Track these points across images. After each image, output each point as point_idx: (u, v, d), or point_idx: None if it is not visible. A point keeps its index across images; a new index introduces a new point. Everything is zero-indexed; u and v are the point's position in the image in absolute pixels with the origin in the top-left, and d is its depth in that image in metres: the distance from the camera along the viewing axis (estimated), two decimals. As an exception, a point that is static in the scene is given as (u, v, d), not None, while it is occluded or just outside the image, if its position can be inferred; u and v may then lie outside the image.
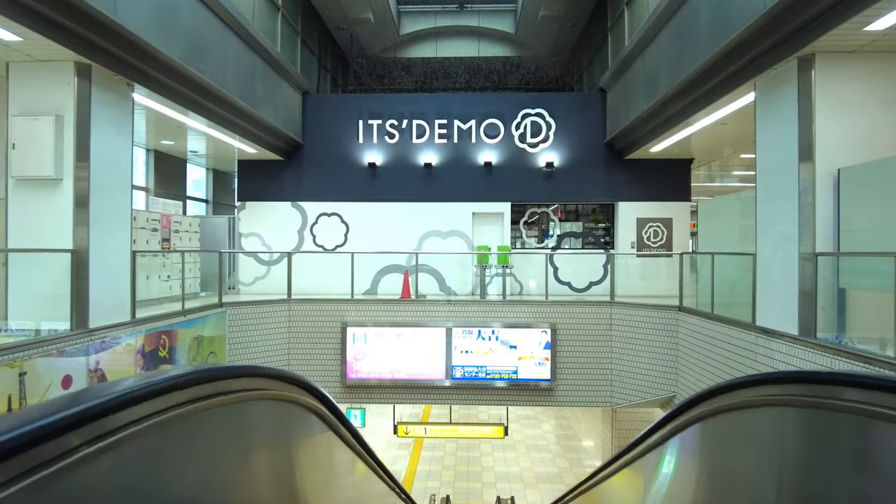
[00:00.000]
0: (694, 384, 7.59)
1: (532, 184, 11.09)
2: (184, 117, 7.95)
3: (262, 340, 9.02)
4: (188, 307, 8.01)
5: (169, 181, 11.03)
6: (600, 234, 11.41)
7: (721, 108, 7.17)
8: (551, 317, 9.10)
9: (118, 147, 6.16)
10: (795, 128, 5.31)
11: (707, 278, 7.63)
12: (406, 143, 11.17)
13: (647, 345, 8.58)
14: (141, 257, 8.61)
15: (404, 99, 11.30)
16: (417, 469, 12.88)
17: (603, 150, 11.04)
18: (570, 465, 13.14)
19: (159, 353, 6.77)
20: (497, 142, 11.11)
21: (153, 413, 0.96)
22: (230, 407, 1.27)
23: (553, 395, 9.07)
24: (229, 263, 11.33)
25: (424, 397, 9.25)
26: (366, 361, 9.12)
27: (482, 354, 9.05)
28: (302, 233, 11.29)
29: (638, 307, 8.77)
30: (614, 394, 9.02)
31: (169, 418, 1.00)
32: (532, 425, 16.18)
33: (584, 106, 11.14)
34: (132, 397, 0.89)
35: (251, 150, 10.31)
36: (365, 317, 9.24)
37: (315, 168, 11.28)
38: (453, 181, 11.13)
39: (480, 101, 11.26)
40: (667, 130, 8.65)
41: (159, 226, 9.12)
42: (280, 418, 1.63)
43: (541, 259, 10.69)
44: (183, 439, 1.11)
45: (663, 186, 10.96)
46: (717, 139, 9.27)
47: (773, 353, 5.57)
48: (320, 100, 11.56)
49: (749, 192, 6.77)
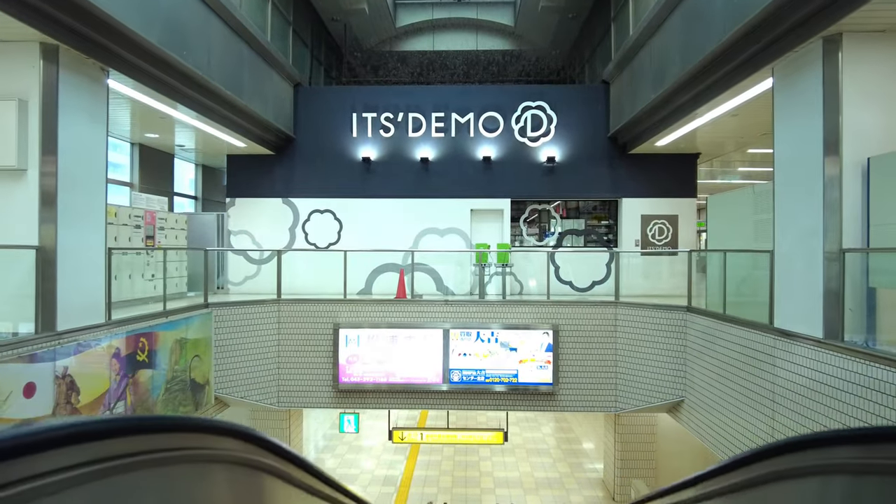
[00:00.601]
0: (704, 388, 7.20)
1: (533, 179, 10.69)
2: (167, 108, 7.53)
3: (251, 343, 8.61)
4: (172, 307, 7.60)
5: (155, 177, 10.60)
6: (603, 232, 11.02)
7: (734, 98, 6.78)
8: (553, 318, 8.70)
9: (91, 136, 5.74)
10: (820, 115, 4.91)
11: (718, 277, 7.24)
12: (402, 137, 10.76)
13: (653, 347, 8.19)
14: (123, 255, 8.22)
15: (400, 91, 10.89)
16: (414, 474, 12.49)
17: (606, 145, 10.65)
18: (570, 469, 12.76)
19: (138, 357, 6.35)
20: (496, 136, 10.70)
21: None
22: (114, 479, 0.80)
23: (555, 400, 8.68)
24: (218, 262, 10.92)
25: (420, 402, 8.85)
26: (359, 364, 8.71)
27: (481, 357, 8.65)
28: (293, 230, 10.88)
29: (644, 307, 8.37)
30: (619, 398, 8.62)
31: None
32: (531, 428, 15.79)
33: (587, 98, 10.74)
34: None
35: (240, 143, 9.89)
36: (358, 318, 8.83)
37: (307, 163, 10.86)
38: (451, 177, 10.73)
39: (479, 94, 10.85)
40: (674, 122, 8.26)
41: (143, 223, 8.70)
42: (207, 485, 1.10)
43: (542, 257, 10.29)
44: None
45: (668, 182, 10.58)
46: (726, 132, 8.88)
47: (795, 357, 5.18)
48: (313, 92, 11.14)
49: (764, 185, 6.38)
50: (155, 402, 6.67)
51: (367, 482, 12.07)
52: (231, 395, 8.42)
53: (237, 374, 8.46)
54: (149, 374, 6.57)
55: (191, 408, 7.55)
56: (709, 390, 7.05)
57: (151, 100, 7.11)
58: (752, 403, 5.93)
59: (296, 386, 8.85)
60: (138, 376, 6.35)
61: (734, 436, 6.33)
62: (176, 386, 7.18)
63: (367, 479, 12.21)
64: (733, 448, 6.33)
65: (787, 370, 5.31)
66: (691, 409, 7.67)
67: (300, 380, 8.84)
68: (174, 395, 7.13)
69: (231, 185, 10.97)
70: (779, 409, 5.43)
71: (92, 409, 5.50)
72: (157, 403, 6.74)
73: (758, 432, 5.81)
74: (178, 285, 9.56)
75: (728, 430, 6.47)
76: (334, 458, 13.59)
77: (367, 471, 12.73)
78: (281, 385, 8.84)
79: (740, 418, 6.18)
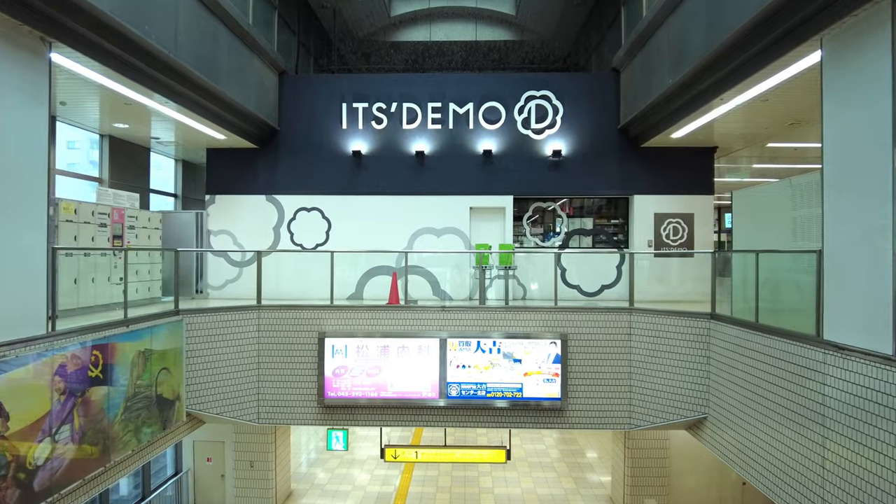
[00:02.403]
0: (732, 406, 6.40)
1: (537, 175, 9.89)
2: (130, 91, 6.71)
3: (227, 354, 7.79)
4: (142, 314, 6.78)
5: (128, 172, 9.77)
6: (613, 232, 10.22)
7: (768, 79, 5.99)
8: (561, 325, 7.89)
9: (29, 118, 4.93)
10: (888, 92, 4.11)
11: (747, 280, 6.46)
12: (395, 129, 9.96)
13: (673, 358, 7.39)
14: (85, 257, 7.40)
15: (393, 80, 10.08)
16: (409, 491, 11.68)
17: (617, 138, 9.86)
18: (576, 485, 11.96)
19: (90, 373, 5.53)
20: (498, 128, 9.90)
21: None
22: None
23: (564, 416, 7.87)
24: (197, 265, 10.10)
25: (415, 419, 8.03)
26: (347, 377, 7.90)
27: (482, 370, 7.84)
28: (278, 230, 10.06)
29: (662, 314, 7.57)
30: (634, 414, 7.82)
31: None
32: (534, 440, 14.99)
33: (595, 87, 9.94)
34: None
35: (220, 136, 9.09)
36: (346, 326, 8.01)
37: (293, 157, 10.05)
38: (449, 172, 9.92)
39: (479, 82, 10.04)
40: (694, 111, 7.48)
41: (109, 220, 7.88)
42: None
43: (547, 260, 9.50)
44: None
45: (684, 178, 9.79)
46: (750, 122, 8.10)
47: (853, 376, 4.38)
48: (299, 81, 10.33)
49: (805, 178, 5.60)
50: (111, 423, 5.85)
51: (359, 499, 11.25)
52: (206, 411, 7.60)
53: (212, 389, 7.65)
54: (103, 391, 5.75)
55: (157, 427, 6.73)
56: (738, 408, 6.26)
57: (111, 81, 6.30)
58: (793, 426, 5.13)
59: (277, 401, 8.03)
60: (90, 394, 5.53)
61: (769, 461, 5.53)
62: (139, 403, 6.36)
63: (360, 496, 11.39)
64: (769, 475, 5.53)
65: (841, 390, 4.51)
66: (716, 427, 6.87)
67: (282, 394, 8.02)
68: (136, 413, 6.30)
69: (211, 181, 10.15)
70: (831, 434, 4.63)
71: (26, 436, 4.68)
72: (115, 424, 5.91)
73: (803, 460, 5.01)
74: (152, 289, 8.75)
75: (762, 453, 5.67)
76: (325, 471, 12.77)
77: (360, 486, 11.91)
78: (261, 400, 8.02)
79: (779, 442, 5.38)
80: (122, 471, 6.24)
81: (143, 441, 6.45)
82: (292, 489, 11.67)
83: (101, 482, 5.82)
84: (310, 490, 11.72)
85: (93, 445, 5.56)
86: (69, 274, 6.98)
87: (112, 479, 6.04)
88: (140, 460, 6.63)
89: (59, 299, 6.45)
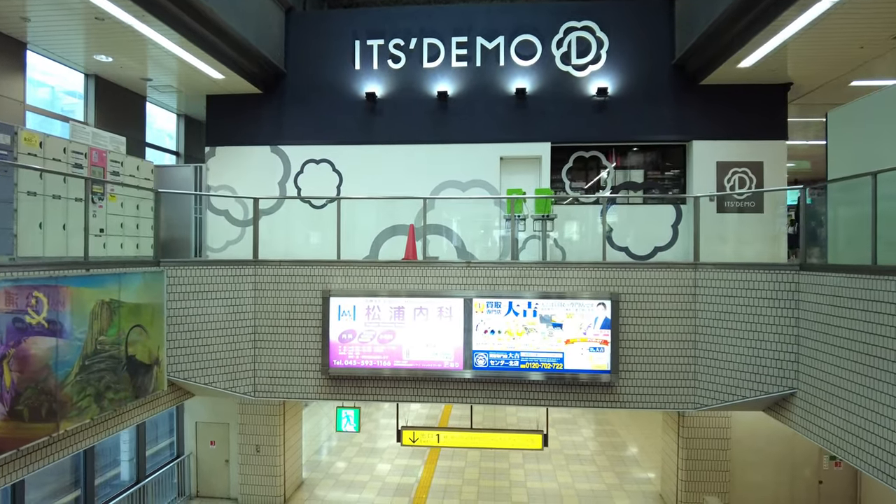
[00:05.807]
0: (833, 376, 5.00)
1: (579, 118, 8.56)
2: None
3: (219, 315, 6.70)
4: (108, 257, 5.73)
5: (119, 120, 8.78)
6: (668, 186, 8.81)
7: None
8: (611, 284, 6.56)
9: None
10: None
11: (855, 216, 5.07)
12: (415, 69, 8.75)
13: (749, 322, 6.00)
14: (55, 200, 6.38)
15: (413, 12, 8.85)
16: (432, 483, 10.49)
17: (672, 74, 8.46)
18: (619, 480, 10.59)
19: (28, 319, 4.47)
20: (532, 64, 8.60)
21: None
22: None
23: (614, 394, 6.54)
24: (195, 225, 9.07)
25: (434, 393, 6.81)
26: (355, 344, 6.72)
27: (514, 336, 6.57)
28: (284, 185, 8.97)
29: (736, 268, 6.18)
30: (699, 391, 6.44)
31: None
32: (570, 430, 13.63)
33: (646, 16, 8.55)
34: None
35: (217, 74, 8.04)
36: (354, 284, 6.83)
37: (300, 103, 8.94)
38: (475, 116, 8.67)
39: (511, 12, 8.74)
40: (768, 24, 6.11)
41: (86, 161, 6.85)
42: None
43: (591, 214, 8.18)
44: None
45: (751, 121, 8.34)
46: (838, 41, 6.68)
47: None
48: (307, 18, 9.20)
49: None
50: (59, 384, 4.78)
51: (377, 491, 10.11)
52: (191, 380, 6.52)
53: (200, 355, 6.57)
54: (49, 343, 4.68)
55: (126, 394, 5.67)
56: (844, 378, 4.86)
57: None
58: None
59: (276, 371, 6.90)
60: (28, 346, 4.47)
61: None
62: (101, 364, 5.29)
63: (377, 488, 10.25)
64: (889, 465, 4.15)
65: None
66: (809, 405, 5.47)
67: (282, 364, 6.89)
68: (97, 375, 5.23)
69: (211, 132, 9.12)
70: None
71: (-76, 388, 3.62)
72: (65, 386, 4.85)
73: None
74: (141, 247, 7.71)
75: (885, 437, 4.29)
76: (342, 460, 11.67)
77: (378, 477, 10.77)
78: (258, 370, 6.91)
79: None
80: (77, 443, 5.18)
81: (106, 409, 5.38)
82: (304, 478, 10.59)
83: (45, 455, 4.76)
84: (323, 480, 10.63)
85: (31, 409, 4.50)
86: (32, 216, 5.95)
87: (63, 452, 4.99)
88: (104, 432, 5.57)
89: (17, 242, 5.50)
